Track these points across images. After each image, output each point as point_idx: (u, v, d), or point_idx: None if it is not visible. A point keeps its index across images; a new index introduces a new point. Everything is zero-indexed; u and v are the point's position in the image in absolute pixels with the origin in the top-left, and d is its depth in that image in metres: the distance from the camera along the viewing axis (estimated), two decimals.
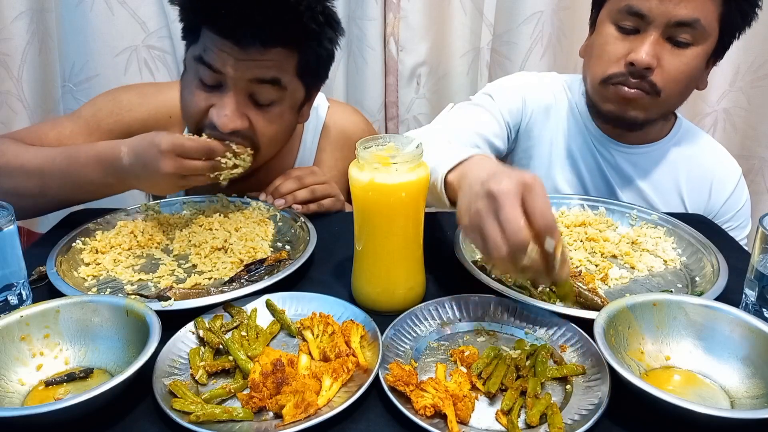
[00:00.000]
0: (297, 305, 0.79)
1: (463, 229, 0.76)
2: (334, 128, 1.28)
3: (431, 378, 0.64)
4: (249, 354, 0.68)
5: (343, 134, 1.28)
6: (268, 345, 0.72)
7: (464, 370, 0.67)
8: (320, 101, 1.28)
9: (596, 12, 1.12)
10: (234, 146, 0.98)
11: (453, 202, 0.82)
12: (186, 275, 0.89)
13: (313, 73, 1.06)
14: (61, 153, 1.00)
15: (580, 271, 0.89)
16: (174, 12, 1.57)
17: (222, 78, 0.98)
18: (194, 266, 0.92)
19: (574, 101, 1.22)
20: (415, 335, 0.74)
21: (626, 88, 1.05)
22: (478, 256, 0.92)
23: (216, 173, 0.97)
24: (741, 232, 1.22)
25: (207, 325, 0.73)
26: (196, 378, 0.66)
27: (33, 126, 1.16)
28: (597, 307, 0.75)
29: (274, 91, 1.01)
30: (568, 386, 0.66)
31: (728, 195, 1.20)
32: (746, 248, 1.11)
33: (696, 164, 1.20)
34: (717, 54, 1.08)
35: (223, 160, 0.97)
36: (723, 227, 1.17)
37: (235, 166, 0.99)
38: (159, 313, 0.69)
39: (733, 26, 1.04)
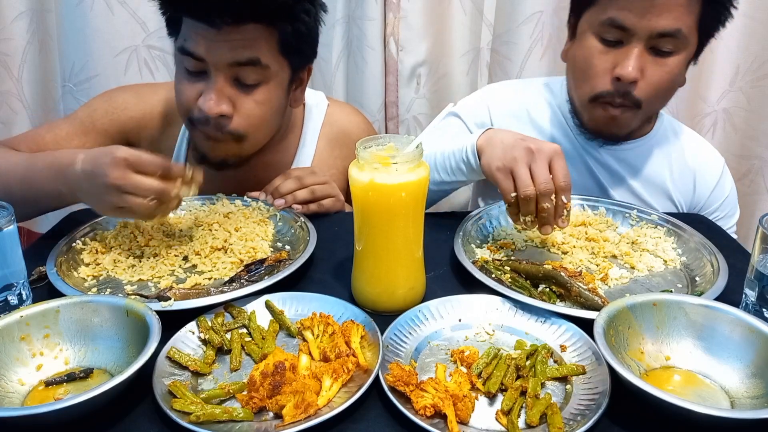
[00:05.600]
0: (297, 305, 0.79)
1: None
2: (334, 127, 1.28)
3: (431, 378, 0.64)
4: (264, 351, 0.69)
5: (343, 133, 1.28)
6: None
7: (464, 370, 0.67)
8: (320, 99, 1.28)
9: (575, 18, 1.12)
10: (188, 171, 0.88)
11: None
12: (186, 275, 0.89)
13: (296, 51, 1.04)
14: (26, 158, 0.98)
15: (581, 271, 0.89)
16: None
17: (204, 65, 0.99)
18: (194, 266, 0.92)
19: (555, 104, 1.22)
20: (415, 335, 0.74)
21: (612, 108, 1.07)
22: (479, 256, 0.93)
23: (161, 207, 0.86)
24: (729, 221, 1.24)
25: (210, 324, 0.73)
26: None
27: (30, 131, 1.16)
28: (597, 307, 0.75)
29: (256, 72, 1.00)
30: (568, 386, 0.66)
31: (713, 186, 1.22)
32: (735, 236, 1.12)
33: (679, 158, 1.22)
34: (695, 55, 1.09)
35: (174, 191, 0.86)
36: (711, 217, 1.19)
37: (178, 197, 0.88)
38: (159, 313, 0.69)
39: (710, 30, 1.06)
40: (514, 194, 0.87)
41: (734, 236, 1.15)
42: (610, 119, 1.09)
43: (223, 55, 0.97)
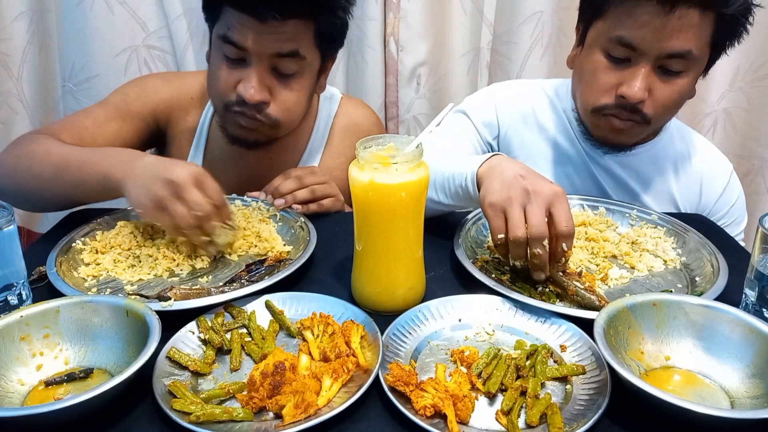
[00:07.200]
0: (297, 305, 0.79)
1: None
2: (346, 117, 1.33)
3: (431, 378, 0.64)
4: (264, 351, 0.69)
5: (354, 124, 1.33)
6: None
7: (464, 370, 0.67)
8: (334, 91, 1.34)
9: (584, 26, 1.09)
10: (229, 221, 0.92)
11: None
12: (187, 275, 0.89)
13: (330, 42, 1.11)
14: (88, 148, 1.02)
15: (581, 272, 0.89)
16: (174, 12, 1.58)
17: (245, 54, 1.03)
18: (194, 266, 0.92)
19: (561, 107, 1.21)
20: (415, 335, 0.74)
21: (617, 120, 1.05)
22: (479, 256, 0.93)
23: (192, 230, 0.88)
24: (736, 228, 1.21)
25: (210, 324, 0.73)
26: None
27: (66, 118, 1.19)
28: (594, 306, 0.75)
29: (295, 63, 1.06)
30: (568, 386, 0.66)
31: (719, 193, 1.20)
32: (743, 243, 1.11)
33: (686, 163, 1.20)
34: (706, 70, 1.06)
35: (215, 220, 0.89)
36: (718, 224, 1.17)
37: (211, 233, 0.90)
38: (159, 313, 0.69)
39: (724, 46, 1.02)
40: (501, 236, 0.80)
41: (741, 244, 1.12)
42: (615, 130, 1.07)
43: (266, 46, 1.01)
